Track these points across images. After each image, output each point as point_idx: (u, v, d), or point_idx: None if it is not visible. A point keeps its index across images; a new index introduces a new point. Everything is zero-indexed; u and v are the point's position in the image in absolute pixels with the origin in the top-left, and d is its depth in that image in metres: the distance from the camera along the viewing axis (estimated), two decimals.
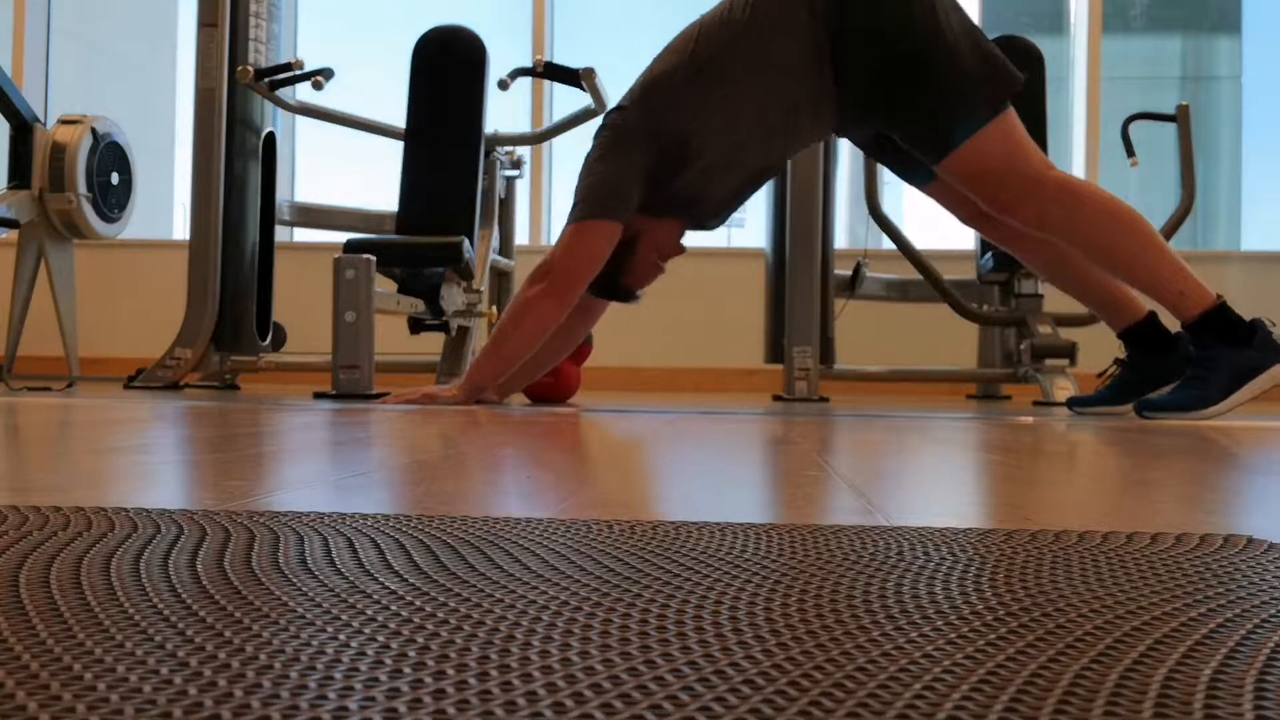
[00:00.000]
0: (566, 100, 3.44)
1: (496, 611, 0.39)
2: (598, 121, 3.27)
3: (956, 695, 0.29)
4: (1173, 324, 2.20)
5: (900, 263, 3.59)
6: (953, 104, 2.09)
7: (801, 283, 3.08)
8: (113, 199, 3.42)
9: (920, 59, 2.08)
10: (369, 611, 0.39)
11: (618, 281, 2.29)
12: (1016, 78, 2.11)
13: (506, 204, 3.63)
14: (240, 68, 3.17)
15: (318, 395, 2.73)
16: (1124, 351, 2.30)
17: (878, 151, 2.33)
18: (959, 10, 2.14)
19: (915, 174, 2.27)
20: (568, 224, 2.19)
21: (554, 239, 5.09)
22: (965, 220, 2.31)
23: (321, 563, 0.48)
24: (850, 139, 2.41)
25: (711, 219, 2.36)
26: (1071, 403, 2.36)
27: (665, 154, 2.17)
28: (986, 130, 2.08)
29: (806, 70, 2.13)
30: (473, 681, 0.30)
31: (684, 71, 2.17)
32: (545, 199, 4.84)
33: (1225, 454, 1.25)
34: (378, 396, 2.58)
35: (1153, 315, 2.25)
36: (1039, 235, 2.15)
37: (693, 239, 2.42)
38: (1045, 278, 2.45)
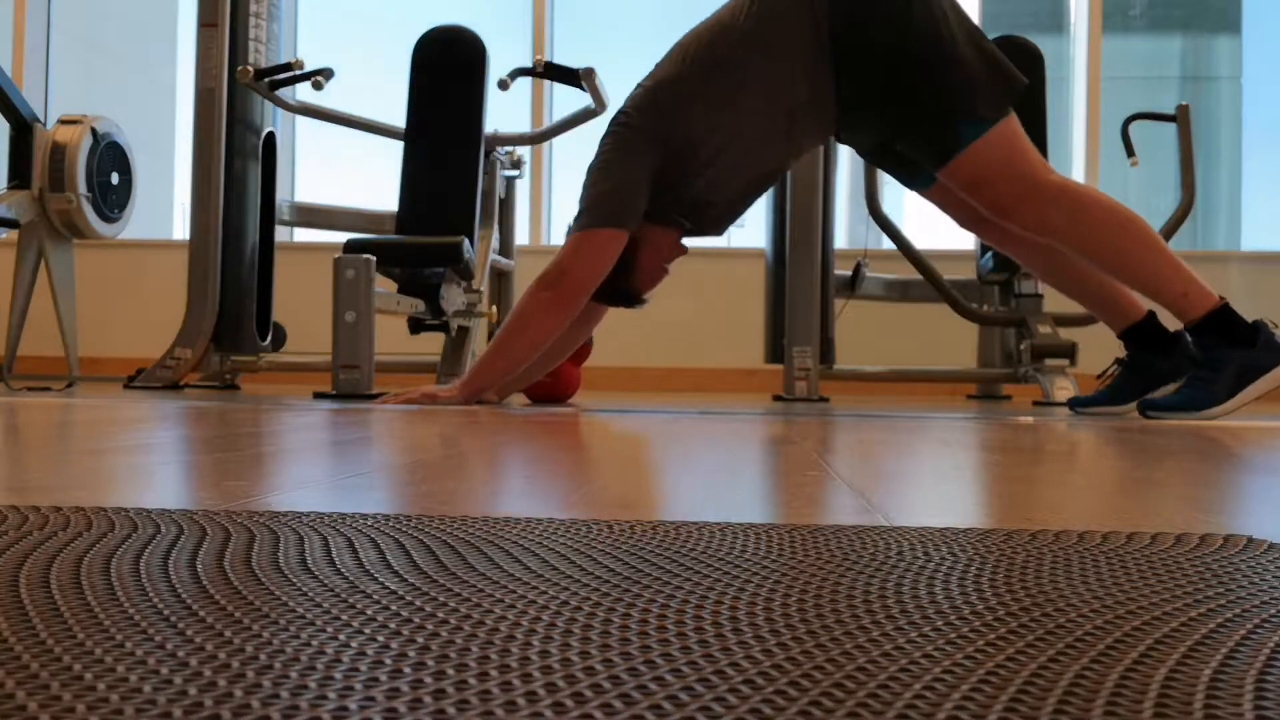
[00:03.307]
0: (566, 100, 3.44)
1: (496, 611, 0.39)
2: (598, 122, 3.28)
3: (956, 695, 0.29)
4: (1172, 323, 2.20)
5: (900, 263, 3.59)
6: (954, 106, 2.08)
7: (801, 283, 3.08)
8: (113, 199, 3.42)
9: (920, 59, 2.07)
10: (369, 611, 0.39)
11: (622, 287, 2.28)
12: (1019, 79, 2.11)
13: (506, 204, 3.63)
14: (240, 68, 3.17)
15: (318, 395, 2.74)
16: (1124, 351, 2.31)
17: (878, 158, 2.32)
18: (959, 10, 2.13)
19: (916, 179, 2.26)
20: (575, 230, 2.18)
21: (554, 239, 5.09)
22: (963, 224, 2.31)
23: (321, 563, 0.48)
24: (853, 146, 2.40)
25: (715, 225, 2.35)
26: (1073, 403, 2.36)
27: (671, 159, 2.17)
28: (988, 135, 2.07)
29: (809, 73, 2.12)
30: (473, 681, 0.30)
31: (690, 78, 2.17)
32: (545, 199, 4.84)
33: (1225, 454, 1.25)
34: (378, 396, 2.58)
35: (1152, 315, 2.25)
36: (1039, 239, 2.15)
37: (692, 239, 2.42)
38: (1044, 280, 2.45)
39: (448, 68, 3.31)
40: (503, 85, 3.12)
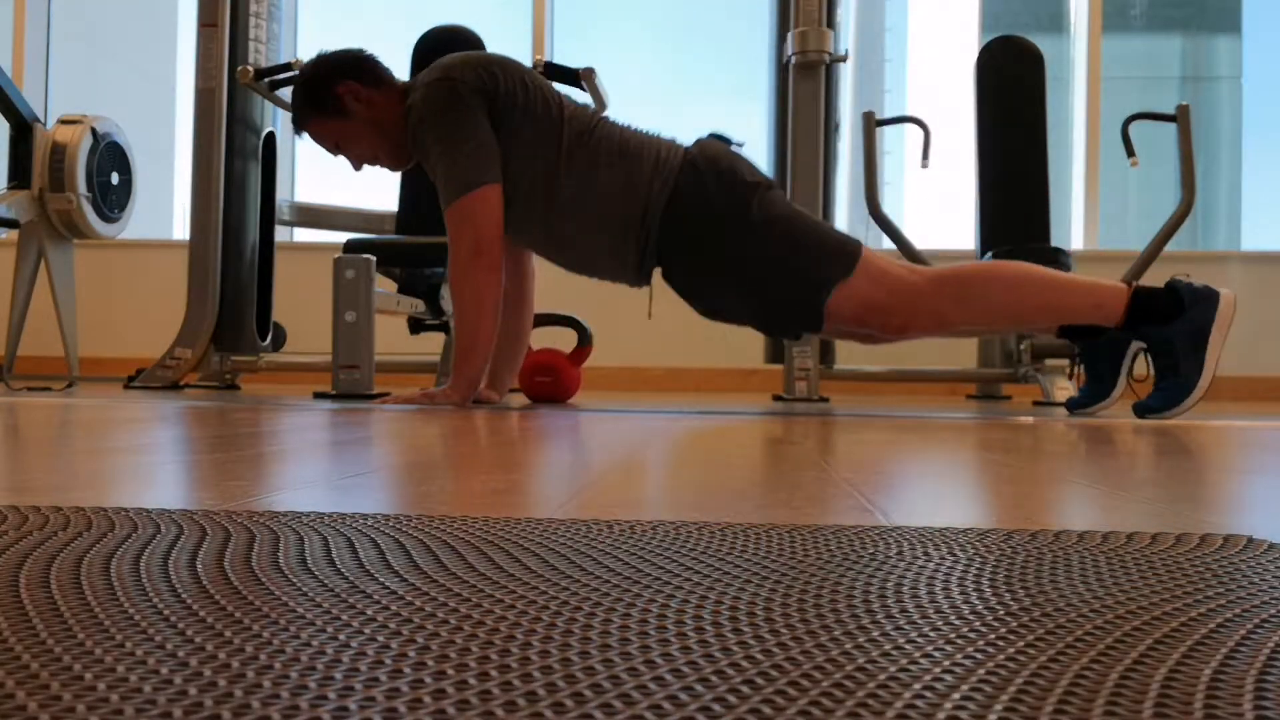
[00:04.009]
0: None
1: (496, 611, 0.39)
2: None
3: (956, 695, 0.29)
4: None
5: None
6: (807, 282, 2.14)
7: None
8: (113, 199, 3.42)
9: (763, 254, 2.14)
10: (369, 611, 0.39)
11: None
12: (855, 241, 2.17)
13: None
14: (240, 68, 3.17)
15: (318, 395, 2.74)
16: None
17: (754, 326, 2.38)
18: (784, 203, 2.20)
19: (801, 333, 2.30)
20: (447, 206, 2.18)
21: None
22: (870, 342, 2.32)
23: (321, 563, 0.48)
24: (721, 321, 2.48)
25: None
26: (1070, 406, 2.37)
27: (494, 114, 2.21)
28: (849, 281, 2.12)
29: (618, 238, 2.21)
30: (473, 681, 0.30)
31: (521, 97, 2.21)
32: None
33: (1224, 454, 1.25)
34: (377, 396, 2.58)
35: None
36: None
37: None
38: (971, 335, 2.47)
39: None
40: None
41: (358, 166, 2.37)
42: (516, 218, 2.23)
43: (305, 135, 2.36)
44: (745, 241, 2.14)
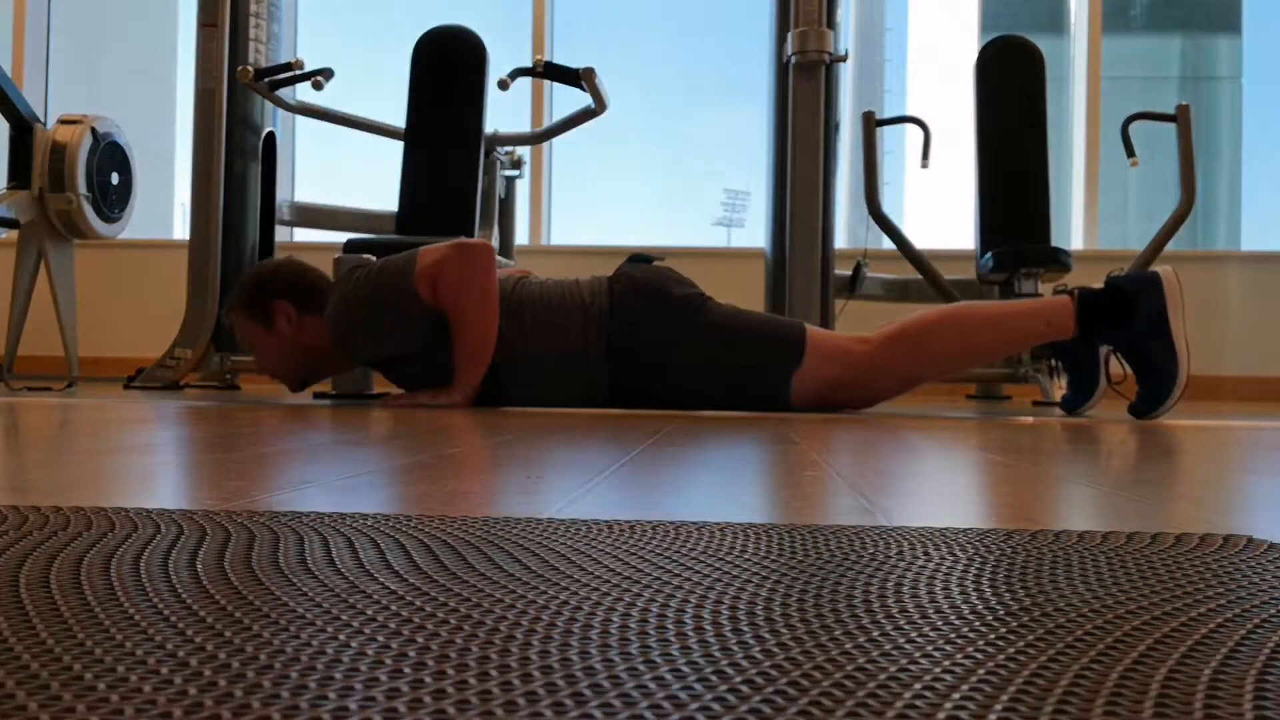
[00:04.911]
0: (566, 100, 3.44)
1: (496, 611, 0.39)
2: (598, 122, 3.28)
3: (956, 695, 0.29)
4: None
5: (900, 263, 3.59)
6: (766, 376, 2.19)
7: (801, 283, 3.08)
8: (113, 199, 3.42)
9: (716, 359, 2.21)
10: (369, 611, 0.39)
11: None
12: (797, 325, 2.22)
13: (506, 204, 3.63)
14: (240, 68, 3.18)
15: (318, 395, 2.73)
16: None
17: None
18: (719, 308, 2.26)
19: None
20: (414, 277, 2.21)
21: (555, 239, 5.06)
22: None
23: (321, 563, 0.48)
24: None
25: None
26: (1064, 406, 2.37)
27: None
28: (802, 366, 2.17)
29: (584, 337, 2.27)
30: (473, 681, 0.30)
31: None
32: (545, 199, 4.84)
33: (1225, 454, 1.25)
34: (378, 396, 2.58)
35: None
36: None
37: (692, 238, 2.43)
38: (948, 379, 2.52)
39: (448, 68, 3.31)
40: (503, 85, 3.12)
41: (259, 369, 2.43)
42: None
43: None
44: (692, 354, 2.20)
